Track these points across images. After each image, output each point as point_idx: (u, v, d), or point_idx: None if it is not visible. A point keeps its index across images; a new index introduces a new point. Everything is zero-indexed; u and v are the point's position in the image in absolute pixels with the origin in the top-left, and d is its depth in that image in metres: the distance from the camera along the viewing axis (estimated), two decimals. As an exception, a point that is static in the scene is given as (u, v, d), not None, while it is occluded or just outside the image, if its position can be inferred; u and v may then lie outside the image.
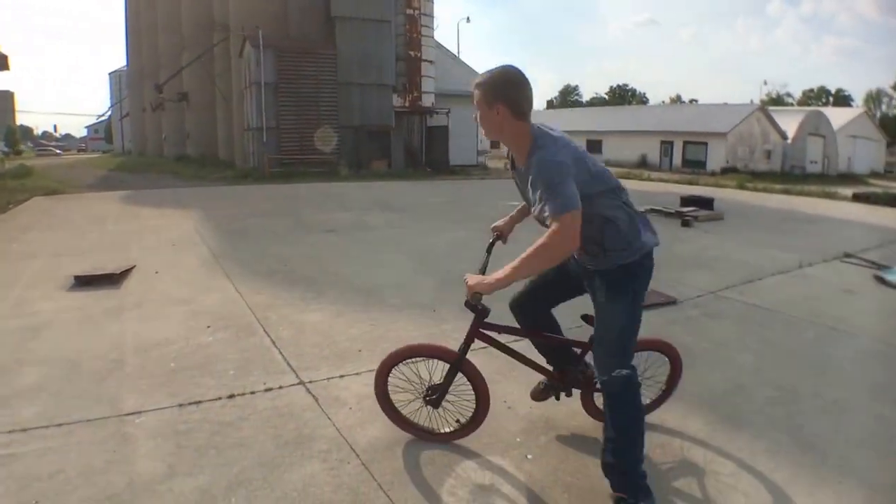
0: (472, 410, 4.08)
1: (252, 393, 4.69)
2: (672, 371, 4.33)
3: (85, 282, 7.95)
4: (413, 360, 4.12)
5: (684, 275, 9.11)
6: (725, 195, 23.62)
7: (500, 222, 4.38)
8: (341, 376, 5.01)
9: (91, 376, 5.00)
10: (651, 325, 6.53)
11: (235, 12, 34.43)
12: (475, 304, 3.50)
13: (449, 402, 4.09)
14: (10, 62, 24.99)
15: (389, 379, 4.10)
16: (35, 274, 8.73)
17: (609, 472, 3.44)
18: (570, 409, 4.45)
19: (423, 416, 4.17)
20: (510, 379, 5.00)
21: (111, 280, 8.03)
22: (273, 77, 30.14)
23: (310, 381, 4.90)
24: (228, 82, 37.21)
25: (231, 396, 4.61)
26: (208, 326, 6.21)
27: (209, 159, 38.91)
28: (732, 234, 13.42)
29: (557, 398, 4.28)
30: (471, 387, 4.04)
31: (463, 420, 4.14)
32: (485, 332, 4.03)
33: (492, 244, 4.26)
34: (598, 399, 4.10)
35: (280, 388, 4.78)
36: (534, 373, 4.25)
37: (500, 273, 3.22)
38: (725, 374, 5.34)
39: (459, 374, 3.98)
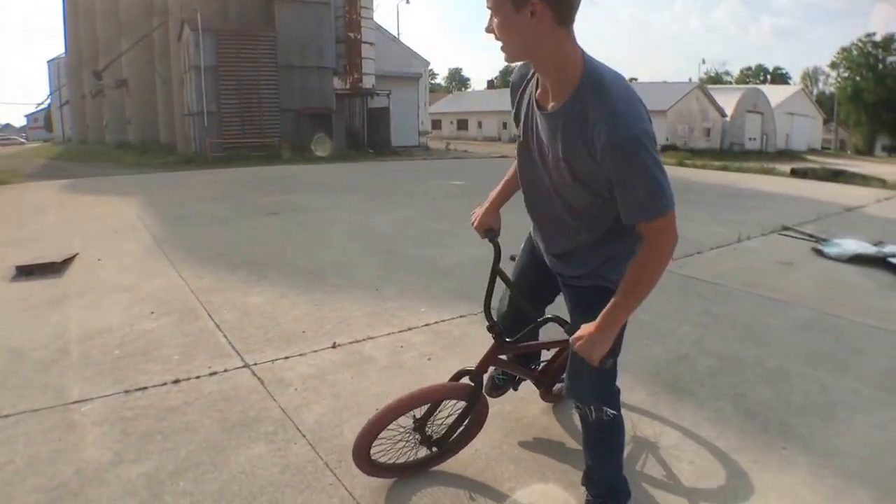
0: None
1: (197, 377, 4.71)
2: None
3: (26, 271, 7.87)
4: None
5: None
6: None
7: (483, 216, 3.32)
8: (286, 358, 5.06)
9: (35, 366, 4.98)
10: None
11: (173, -5, 33.96)
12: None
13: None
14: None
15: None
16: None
17: (588, 484, 3.19)
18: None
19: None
20: (454, 353, 5.12)
21: (53, 269, 7.97)
22: (213, 61, 29.85)
23: (254, 364, 4.93)
24: (168, 67, 36.72)
25: (176, 381, 4.63)
26: (152, 312, 6.21)
27: (151, 145, 38.39)
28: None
29: (515, 388, 4.05)
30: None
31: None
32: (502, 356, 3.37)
33: (497, 254, 3.18)
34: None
35: (225, 371, 4.81)
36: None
37: (606, 320, 2.51)
38: (668, 345, 5.48)
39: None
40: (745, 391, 4.59)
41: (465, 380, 3.28)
